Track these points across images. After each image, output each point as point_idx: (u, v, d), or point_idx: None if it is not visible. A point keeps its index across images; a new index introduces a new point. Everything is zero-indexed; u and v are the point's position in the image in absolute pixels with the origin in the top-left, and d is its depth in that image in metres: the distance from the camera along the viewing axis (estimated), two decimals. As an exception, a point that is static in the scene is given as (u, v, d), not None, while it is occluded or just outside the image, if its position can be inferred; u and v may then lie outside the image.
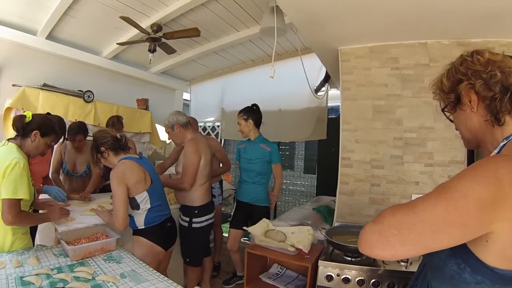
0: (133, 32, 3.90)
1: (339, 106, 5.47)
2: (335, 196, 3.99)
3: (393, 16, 2.27)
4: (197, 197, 2.79)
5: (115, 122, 3.81)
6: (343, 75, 2.85)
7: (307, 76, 3.71)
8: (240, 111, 3.27)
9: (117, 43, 4.13)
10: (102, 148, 2.22)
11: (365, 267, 1.94)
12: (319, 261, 2.03)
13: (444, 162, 2.52)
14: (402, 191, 2.60)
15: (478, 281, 0.77)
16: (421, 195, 0.80)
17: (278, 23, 2.77)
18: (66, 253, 1.90)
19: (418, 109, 2.60)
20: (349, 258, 2.04)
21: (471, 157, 2.46)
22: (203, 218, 2.82)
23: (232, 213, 3.67)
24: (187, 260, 2.89)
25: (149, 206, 2.20)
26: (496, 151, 0.85)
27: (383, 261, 1.97)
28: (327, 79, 4.23)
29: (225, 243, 4.12)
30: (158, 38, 3.73)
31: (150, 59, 3.99)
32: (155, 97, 5.52)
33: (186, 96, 6.56)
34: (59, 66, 4.31)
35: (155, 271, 1.77)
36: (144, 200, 2.18)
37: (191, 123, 2.93)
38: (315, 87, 4.51)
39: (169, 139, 3.03)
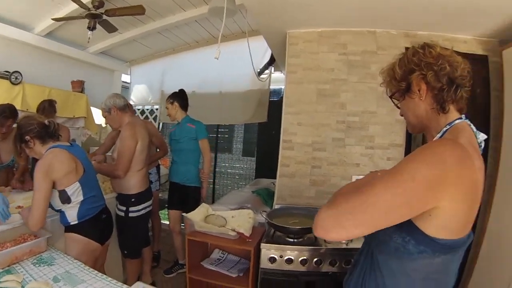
0: (71, 7, 3.54)
1: (281, 89, 5.66)
2: (274, 178, 4.10)
3: (344, 2, 2.30)
4: (133, 184, 2.67)
5: (46, 107, 3.44)
6: (289, 58, 2.85)
7: (252, 59, 3.66)
8: (168, 96, 3.43)
9: (52, 19, 3.66)
10: (27, 137, 1.94)
11: (307, 247, 1.99)
12: (262, 244, 2.03)
13: (384, 145, 2.67)
14: (343, 172, 2.70)
15: (420, 251, 0.87)
16: (367, 177, 0.92)
17: (228, 3, 2.67)
18: None
19: (362, 94, 2.70)
20: (291, 240, 2.07)
21: (409, 141, 2.64)
22: (141, 207, 2.71)
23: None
24: (125, 252, 2.75)
25: (81, 198, 1.99)
26: (439, 135, 0.96)
27: (324, 240, 2.04)
28: (271, 62, 4.23)
29: (165, 230, 4.03)
30: (99, 15, 3.41)
31: (89, 38, 3.65)
32: (92, 79, 5.10)
33: (125, 78, 6.16)
34: None
35: (92, 269, 1.64)
36: (76, 192, 1.97)
37: (129, 106, 2.76)
38: (259, 70, 4.51)
39: (106, 123, 2.80)
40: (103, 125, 5.24)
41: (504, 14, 2.29)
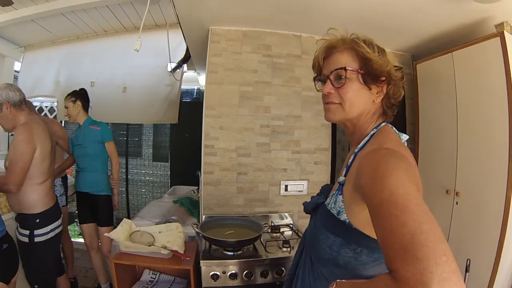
0: None
1: (194, 89, 5.59)
2: (192, 185, 4.06)
3: (268, 3, 2.34)
4: (35, 200, 2.24)
5: None
6: (210, 57, 2.81)
7: (170, 54, 3.57)
8: (68, 94, 3.17)
9: None
10: None
11: (249, 259, 2.01)
12: (201, 261, 1.98)
13: (310, 149, 2.83)
14: (270, 178, 2.78)
15: (375, 259, 0.90)
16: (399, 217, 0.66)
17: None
18: None
19: (287, 98, 2.81)
20: (231, 253, 2.07)
21: (334, 145, 2.84)
22: (49, 228, 2.29)
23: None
24: (36, 287, 2.33)
25: None
26: (367, 138, 1.01)
27: (265, 250, 2.10)
28: (186, 59, 4.14)
29: (77, 250, 3.67)
30: None
31: None
32: None
33: (18, 66, 5.27)
34: None
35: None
36: None
37: (26, 103, 2.35)
38: (170, 67, 4.42)
39: None
40: None
41: (416, 32, 2.72)
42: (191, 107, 4.95)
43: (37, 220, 2.24)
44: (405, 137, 1.02)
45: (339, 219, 0.93)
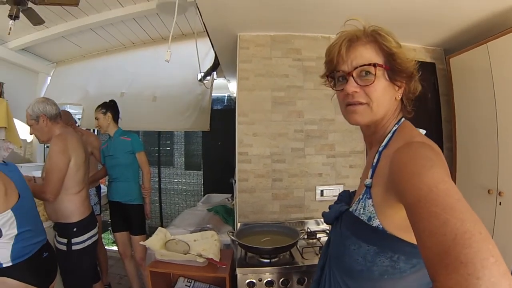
0: None
1: (225, 96, 5.69)
2: (225, 193, 4.10)
3: (296, 6, 2.36)
4: (72, 210, 2.38)
5: None
6: (240, 63, 2.86)
7: (199, 62, 3.65)
8: (98, 106, 3.31)
9: None
10: None
11: (286, 266, 2.01)
12: (237, 268, 2.01)
13: (345, 152, 2.81)
14: (305, 184, 2.78)
15: (413, 265, 0.84)
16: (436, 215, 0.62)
17: (179, -1, 2.62)
18: None
19: (319, 102, 2.81)
20: (267, 260, 2.08)
21: (369, 147, 2.82)
22: (85, 236, 2.42)
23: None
24: None
25: (15, 232, 1.73)
26: (389, 135, 0.97)
27: (302, 256, 2.09)
28: (215, 67, 4.22)
29: (111, 258, 3.82)
30: (24, 1, 3.04)
31: (10, 29, 3.20)
32: (12, 81, 4.56)
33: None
34: None
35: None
36: (7, 223, 1.70)
37: (61, 116, 2.51)
38: (199, 75, 4.51)
39: (31, 133, 2.46)
40: (28, 140, 4.82)
41: (446, 26, 2.63)
42: (222, 114, 5.06)
43: (75, 229, 2.38)
44: (422, 131, 0.97)
45: (371, 226, 0.88)
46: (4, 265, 1.73)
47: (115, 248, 3.72)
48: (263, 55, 2.84)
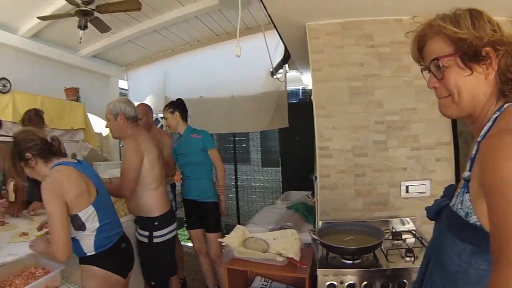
0: (58, 4, 3.63)
1: (299, 90, 5.68)
2: (305, 190, 4.10)
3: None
4: (153, 204, 2.65)
5: (33, 116, 3.44)
6: (312, 54, 2.83)
7: (270, 56, 3.70)
8: (165, 106, 3.50)
9: (38, 17, 3.69)
10: (28, 155, 1.88)
11: (369, 269, 1.98)
12: (318, 269, 2.02)
13: (430, 144, 2.65)
14: (389, 179, 2.69)
15: None
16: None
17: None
18: None
19: (398, 90, 2.69)
20: (349, 261, 2.06)
21: (456, 138, 2.63)
22: (166, 230, 2.70)
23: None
24: (153, 283, 2.75)
25: (97, 225, 1.96)
26: (489, 123, 0.91)
27: (386, 259, 2.03)
28: (285, 59, 4.24)
29: (187, 254, 4.07)
30: (90, 12, 3.44)
31: (81, 37, 3.67)
32: (86, 86, 5.16)
33: (122, 84, 6.23)
34: None
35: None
36: (90, 217, 1.92)
37: (137, 119, 2.76)
38: (271, 69, 4.54)
39: (106, 127, 2.76)
40: (103, 133, 5.31)
41: None
42: (298, 108, 5.03)
43: (156, 223, 2.65)
44: None
45: (468, 222, 0.84)
46: (88, 254, 1.99)
47: (190, 244, 3.94)
48: (334, 44, 2.79)
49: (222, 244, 2.49)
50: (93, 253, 1.99)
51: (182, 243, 4.03)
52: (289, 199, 4.05)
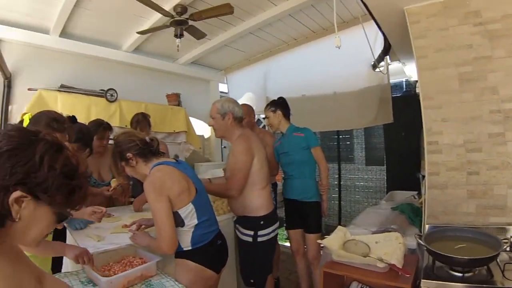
0: (154, 18, 3.92)
1: (403, 82, 5.33)
2: (412, 190, 3.80)
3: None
4: (260, 204, 2.67)
5: (140, 119, 3.82)
6: (415, 40, 2.60)
7: (371, 47, 3.54)
8: (267, 105, 3.51)
9: (137, 32, 4.08)
10: (129, 155, 2.03)
11: (482, 285, 1.70)
12: (422, 280, 1.80)
13: (558, 136, 2.21)
14: (509, 178, 2.29)
15: None
16: None
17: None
18: (97, 284, 1.79)
19: (515, 72, 2.29)
20: (459, 274, 1.80)
21: None
22: (270, 229, 2.70)
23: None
24: (252, 281, 2.76)
25: (196, 222, 2.04)
26: None
27: (503, 275, 1.72)
28: (386, 50, 3.98)
29: (283, 253, 4.05)
30: (184, 21, 3.65)
31: (178, 45, 3.90)
32: (187, 91, 5.57)
33: (222, 87, 6.53)
34: (76, 64, 4.45)
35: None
36: (189, 214, 2.02)
37: (243, 120, 2.80)
38: (372, 62, 4.34)
39: (210, 124, 2.84)
40: (205, 135, 5.53)
41: None
42: (402, 102, 4.78)
43: (261, 222, 2.66)
44: None
45: None
46: (185, 249, 2.08)
47: (288, 244, 3.91)
48: (437, 27, 2.51)
49: (321, 245, 2.38)
50: (190, 248, 2.08)
51: (280, 242, 4.03)
52: (394, 200, 3.81)
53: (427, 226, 2.46)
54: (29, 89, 3.91)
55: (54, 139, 0.99)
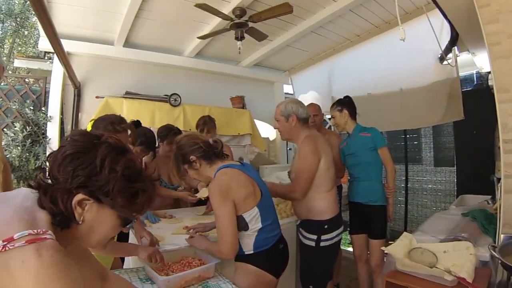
0: (214, 23, 4.02)
1: (473, 74, 4.94)
2: (485, 194, 3.48)
3: None
4: (325, 207, 2.59)
5: (207, 121, 3.89)
6: (485, 26, 2.33)
7: (437, 39, 3.39)
8: (333, 104, 3.44)
9: (198, 37, 4.21)
10: (192, 157, 2.04)
11: None
12: (493, 297, 1.61)
13: None
14: None
15: None
16: None
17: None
18: (155, 283, 1.83)
19: None
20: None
21: None
22: (334, 234, 2.60)
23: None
24: (310, 287, 2.67)
25: (260, 226, 2.03)
26: None
27: None
28: (454, 40, 3.72)
29: (345, 259, 3.89)
30: (244, 23, 3.67)
31: (239, 48, 3.93)
32: (251, 93, 5.65)
33: (287, 89, 6.56)
34: (140, 72, 4.75)
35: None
36: (254, 218, 2.00)
37: (309, 121, 2.76)
38: (439, 55, 4.07)
39: (275, 127, 2.82)
40: (270, 138, 5.50)
41: None
42: (474, 97, 4.47)
43: (325, 226, 2.58)
44: None
45: None
46: (246, 253, 2.06)
47: (350, 249, 3.87)
48: (510, 8, 2.23)
49: (385, 252, 2.25)
50: (251, 252, 2.06)
51: (342, 247, 3.93)
52: (465, 204, 3.50)
53: (502, 236, 2.20)
54: (96, 97, 4.24)
55: (116, 142, 1.03)
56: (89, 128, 2.28)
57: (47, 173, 1.01)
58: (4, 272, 0.79)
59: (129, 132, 2.34)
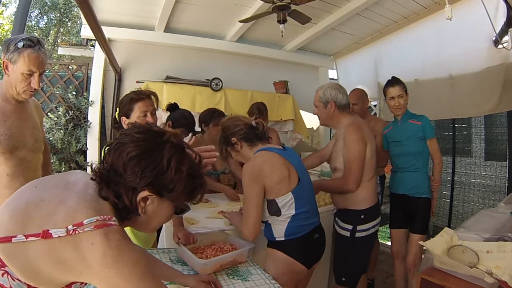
0: (256, 6, 4.01)
1: None
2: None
3: None
4: (364, 197, 2.55)
5: (261, 107, 3.92)
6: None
7: (491, 20, 3.23)
8: (399, 83, 3.12)
9: (240, 21, 4.20)
10: (234, 139, 2.11)
11: None
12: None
13: None
14: None
15: None
16: None
17: None
18: (189, 264, 1.90)
19: None
20: None
21: None
22: (370, 225, 2.57)
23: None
24: (343, 279, 2.64)
25: (293, 212, 2.02)
26: None
27: None
28: (510, 21, 3.44)
29: (383, 253, 3.77)
30: (287, 6, 3.58)
31: (282, 31, 3.86)
32: (294, 78, 5.60)
33: (332, 74, 6.48)
34: (181, 57, 4.88)
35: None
36: (287, 204, 2.01)
37: (350, 106, 2.70)
38: (494, 38, 3.80)
39: (314, 113, 2.80)
40: (314, 127, 5.44)
41: None
42: None
43: (362, 216, 2.55)
44: None
45: None
46: (277, 239, 2.08)
47: (389, 243, 3.77)
48: None
49: (424, 248, 2.16)
50: (283, 239, 2.07)
51: (381, 241, 3.81)
52: (516, 202, 3.26)
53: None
54: (137, 82, 4.41)
55: (179, 141, 1.11)
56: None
57: (101, 159, 1.17)
58: (75, 253, 0.92)
59: (153, 98, 2.34)
